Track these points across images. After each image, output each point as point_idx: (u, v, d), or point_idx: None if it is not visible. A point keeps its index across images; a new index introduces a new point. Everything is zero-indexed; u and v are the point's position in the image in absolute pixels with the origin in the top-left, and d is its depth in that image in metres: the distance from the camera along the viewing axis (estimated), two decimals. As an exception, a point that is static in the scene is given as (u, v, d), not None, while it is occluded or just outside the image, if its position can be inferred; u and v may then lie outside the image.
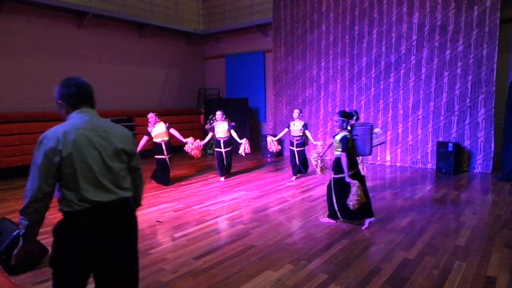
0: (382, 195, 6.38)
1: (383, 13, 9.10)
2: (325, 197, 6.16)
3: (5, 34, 8.61)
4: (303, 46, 10.53)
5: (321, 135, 10.33)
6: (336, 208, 4.74)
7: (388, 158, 9.31)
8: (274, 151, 8.42)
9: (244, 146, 7.67)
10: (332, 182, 4.84)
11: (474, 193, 6.45)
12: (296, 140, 7.61)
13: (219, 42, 13.30)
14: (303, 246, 4.14)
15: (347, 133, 4.64)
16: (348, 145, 4.57)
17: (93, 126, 1.99)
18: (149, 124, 7.28)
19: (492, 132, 7.91)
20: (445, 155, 7.98)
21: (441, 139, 8.48)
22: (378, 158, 9.44)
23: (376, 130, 5.39)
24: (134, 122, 10.88)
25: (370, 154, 4.96)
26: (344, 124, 4.69)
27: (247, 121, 11.73)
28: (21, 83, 8.90)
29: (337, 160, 4.69)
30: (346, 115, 4.69)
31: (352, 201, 4.45)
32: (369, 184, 7.24)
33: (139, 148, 6.92)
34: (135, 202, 2.23)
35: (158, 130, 7.20)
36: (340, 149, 4.59)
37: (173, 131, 7.34)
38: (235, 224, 4.93)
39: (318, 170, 5.63)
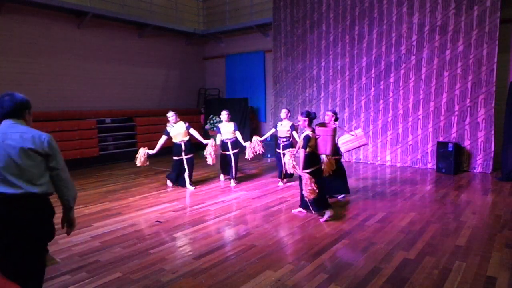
0: (382, 195, 6.38)
1: (383, 13, 9.10)
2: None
3: (5, 34, 8.61)
4: (303, 46, 10.53)
5: (321, 135, 10.32)
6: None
7: (388, 158, 9.31)
8: (256, 153, 7.44)
9: (255, 144, 7.28)
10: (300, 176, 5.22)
11: (474, 193, 6.46)
12: (283, 141, 7.13)
13: (219, 42, 13.30)
14: (303, 246, 4.14)
15: (310, 133, 4.97)
16: (309, 143, 4.92)
17: (6, 131, 2.30)
18: (168, 124, 6.97)
19: (492, 132, 7.91)
20: (445, 155, 7.98)
21: (441, 139, 8.48)
22: (378, 158, 9.44)
23: (356, 131, 5.75)
24: (134, 122, 10.88)
25: (330, 154, 5.24)
26: (306, 123, 5.06)
27: (247, 121, 11.74)
28: (21, 83, 8.90)
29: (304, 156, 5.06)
30: (310, 116, 5.06)
31: (305, 192, 4.81)
32: (369, 184, 7.27)
33: (157, 148, 6.89)
34: (62, 201, 2.57)
35: (178, 130, 6.87)
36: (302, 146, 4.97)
37: (193, 131, 7.02)
38: (235, 224, 4.93)
39: (292, 169, 5.42)
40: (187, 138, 6.98)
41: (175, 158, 6.98)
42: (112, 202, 6.10)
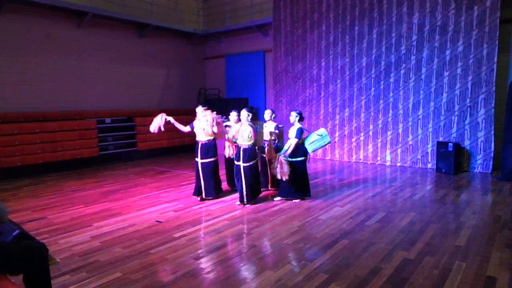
0: (382, 195, 6.38)
1: (383, 13, 9.10)
2: (325, 197, 6.21)
3: (5, 34, 8.61)
4: (303, 46, 10.53)
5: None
6: (298, 187, 5.91)
7: (388, 158, 9.31)
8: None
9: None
10: (297, 165, 5.82)
11: (474, 193, 6.46)
12: (267, 145, 6.29)
13: (219, 42, 13.30)
14: (303, 246, 4.14)
15: (302, 126, 5.84)
16: (301, 135, 5.79)
17: None
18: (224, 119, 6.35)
19: (492, 132, 7.91)
20: (445, 155, 7.98)
21: (441, 139, 8.48)
22: (378, 158, 9.44)
23: (320, 131, 5.99)
24: (134, 122, 10.88)
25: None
26: (297, 119, 5.88)
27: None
28: (21, 83, 8.90)
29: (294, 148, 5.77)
30: (301, 114, 5.93)
31: (279, 173, 5.66)
32: (369, 184, 7.26)
33: (178, 127, 6.29)
34: None
35: (200, 125, 6.00)
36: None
37: (215, 128, 5.92)
38: (235, 224, 4.93)
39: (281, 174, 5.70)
40: (208, 139, 6.01)
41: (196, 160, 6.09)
42: (112, 202, 6.10)
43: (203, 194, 6.06)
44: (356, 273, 3.43)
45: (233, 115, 6.50)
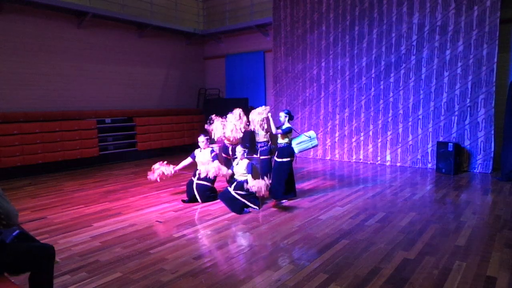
0: (382, 195, 6.38)
1: (383, 13, 9.10)
2: (325, 197, 6.22)
3: (5, 34, 8.61)
4: (303, 46, 10.53)
5: (322, 135, 10.33)
6: (286, 188, 5.87)
7: (388, 158, 9.31)
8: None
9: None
10: (284, 166, 5.87)
11: (474, 193, 6.46)
12: (261, 147, 6.36)
13: (219, 42, 13.30)
14: (303, 246, 4.14)
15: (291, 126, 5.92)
16: (288, 133, 5.86)
17: None
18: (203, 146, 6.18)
19: (492, 132, 7.91)
20: (445, 155, 7.98)
21: (441, 139, 8.48)
22: (378, 158, 9.44)
23: (309, 133, 6.11)
24: (134, 122, 10.88)
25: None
26: (287, 119, 5.92)
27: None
28: (21, 83, 8.90)
29: (281, 148, 5.88)
30: (290, 114, 5.97)
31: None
32: (369, 184, 7.26)
33: (178, 167, 6.24)
34: None
35: (201, 158, 6.11)
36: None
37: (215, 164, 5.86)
38: (235, 224, 4.93)
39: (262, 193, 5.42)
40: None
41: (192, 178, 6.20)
42: (112, 202, 6.10)
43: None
44: (356, 273, 3.43)
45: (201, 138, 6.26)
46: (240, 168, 5.69)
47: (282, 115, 5.95)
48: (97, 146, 9.76)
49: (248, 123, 6.33)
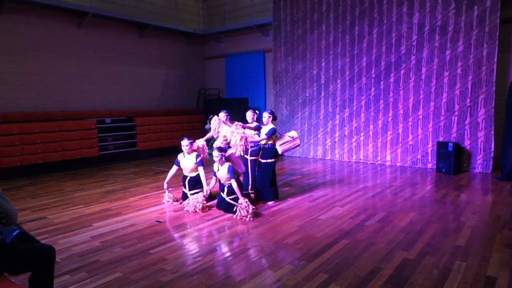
0: (382, 195, 6.38)
1: (383, 13, 9.10)
2: (325, 197, 6.22)
3: (5, 34, 8.61)
4: (303, 46, 10.53)
5: (322, 135, 10.33)
6: (271, 189, 5.90)
7: (388, 158, 9.31)
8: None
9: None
10: (269, 167, 5.92)
11: (474, 193, 6.46)
12: (251, 147, 6.01)
13: (219, 42, 13.30)
14: (303, 246, 4.14)
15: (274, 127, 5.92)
16: (273, 135, 5.92)
17: None
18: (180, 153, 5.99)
19: (492, 132, 7.91)
20: (445, 155, 7.98)
21: (441, 139, 8.48)
22: (378, 158, 9.44)
23: (292, 133, 6.10)
24: (134, 122, 10.88)
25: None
26: (270, 120, 5.98)
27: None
28: (21, 83, 8.91)
29: (266, 150, 5.90)
30: (274, 114, 6.03)
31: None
32: (369, 183, 7.26)
33: (167, 180, 6.01)
34: None
35: (186, 164, 5.91)
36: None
37: (201, 170, 5.82)
38: (235, 224, 4.93)
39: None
40: (195, 173, 5.94)
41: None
42: (112, 202, 6.10)
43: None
44: (356, 273, 3.43)
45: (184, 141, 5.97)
46: (222, 173, 5.40)
47: (266, 115, 5.95)
48: (97, 146, 9.76)
49: (225, 139, 6.29)
